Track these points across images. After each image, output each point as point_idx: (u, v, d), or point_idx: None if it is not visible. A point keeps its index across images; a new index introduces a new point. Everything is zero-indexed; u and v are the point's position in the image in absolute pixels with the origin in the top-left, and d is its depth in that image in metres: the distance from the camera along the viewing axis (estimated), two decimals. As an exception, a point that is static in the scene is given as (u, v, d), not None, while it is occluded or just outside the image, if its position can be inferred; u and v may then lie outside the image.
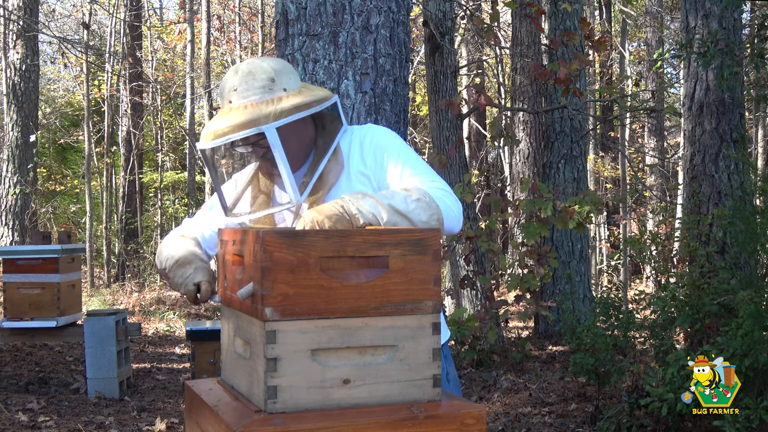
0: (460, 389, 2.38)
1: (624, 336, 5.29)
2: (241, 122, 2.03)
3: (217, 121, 2.09)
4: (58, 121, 18.84)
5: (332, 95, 2.19)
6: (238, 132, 2.03)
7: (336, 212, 1.88)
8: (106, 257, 15.68)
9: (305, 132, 2.19)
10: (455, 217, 2.04)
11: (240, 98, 2.09)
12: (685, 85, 6.80)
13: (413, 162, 2.14)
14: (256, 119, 2.03)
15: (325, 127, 2.21)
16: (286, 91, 2.10)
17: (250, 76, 2.10)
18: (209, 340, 4.57)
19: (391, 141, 2.19)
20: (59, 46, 13.89)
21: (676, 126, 18.82)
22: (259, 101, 2.07)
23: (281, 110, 2.05)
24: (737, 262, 5.70)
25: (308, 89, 2.16)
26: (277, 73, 2.11)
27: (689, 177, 6.60)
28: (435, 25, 7.86)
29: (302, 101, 2.08)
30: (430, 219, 1.96)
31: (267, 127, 2.02)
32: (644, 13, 17.04)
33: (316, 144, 2.20)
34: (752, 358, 4.01)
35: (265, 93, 2.08)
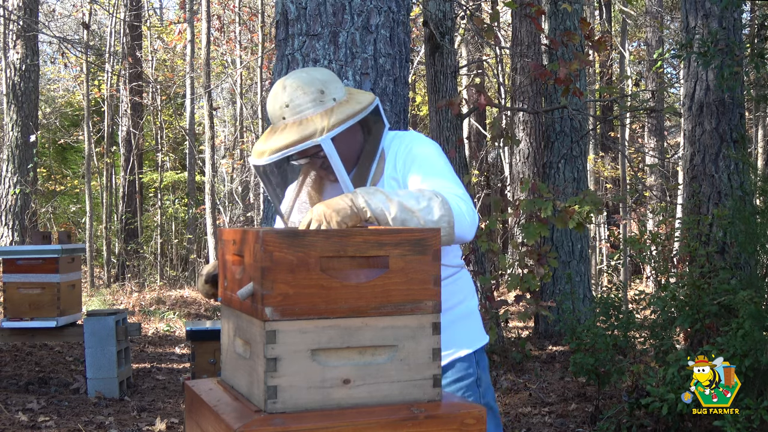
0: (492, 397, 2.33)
1: (624, 336, 5.29)
2: (299, 138, 2.10)
3: (273, 137, 2.15)
4: (58, 121, 18.84)
5: (374, 97, 2.24)
6: (297, 146, 2.10)
7: (344, 206, 1.90)
8: (106, 257, 15.68)
9: (354, 137, 2.23)
10: (468, 224, 2.02)
11: (294, 113, 2.15)
12: (685, 85, 6.80)
13: (438, 169, 2.16)
14: (312, 134, 2.09)
15: (371, 131, 2.26)
16: (336, 100, 2.15)
17: (299, 91, 2.15)
18: (209, 340, 4.57)
19: (424, 148, 2.21)
20: (59, 46, 13.89)
21: (676, 126, 18.82)
22: (312, 115, 2.13)
23: (334, 122, 2.11)
24: (737, 262, 5.69)
25: (354, 96, 2.21)
26: (325, 84, 2.17)
27: (689, 177, 6.60)
28: (435, 25, 7.86)
29: (352, 110, 2.14)
30: (440, 219, 1.95)
31: (323, 139, 2.08)
32: (644, 13, 17.04)
33: (364, 148, 2.25)
34: (752, 358, 4.01)
35: (317, 106, 2.14)
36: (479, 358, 2.30)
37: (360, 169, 2.22)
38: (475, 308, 2.34)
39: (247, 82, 18.61)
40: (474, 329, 2.31)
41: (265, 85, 16.05)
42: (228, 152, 19.07)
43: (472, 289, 2.37)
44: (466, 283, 2.33)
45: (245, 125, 18.27)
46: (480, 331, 2.33)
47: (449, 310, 2.22)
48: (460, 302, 2.29)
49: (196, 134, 17.43)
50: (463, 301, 2.30)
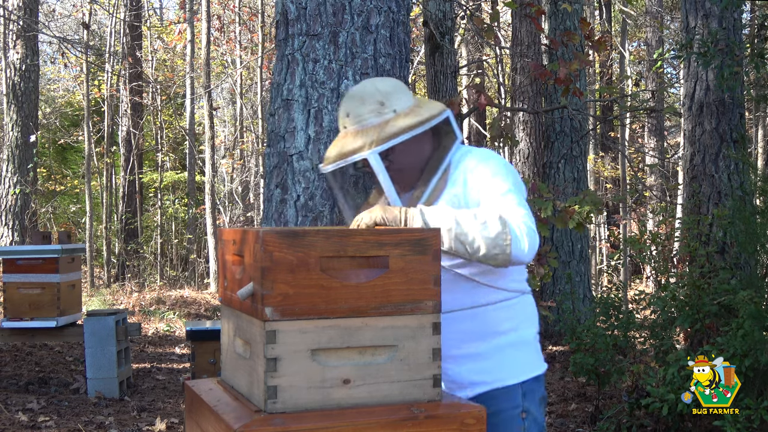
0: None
1: (624, 336, 5.29)
2: (346, 150, 2.14)
3: (333, 146, 2.20)
4: (58, 121, 18.83)
5: (443, 111, 2.20)
6: (343, 159, 2.14)
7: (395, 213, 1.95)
8: (106, 257, 15.68)
9: (422, 148, 2.21)
10: (526, 246, 1.98)
11: (352, 123, 2.17)
12: (685, 85, 6.80)
13: (504, 188, 2.09)
14: (360, 147, 2.11)
15: (440, 143, 2.22)
16: (396, 112, 2.14)
17: (359, 102, 2.17)
18: (209, 340, 4.56)
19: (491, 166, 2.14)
20: (59, 46, 13.89)
21: (676, 126, 18.82)
22: (367, 126, 2.14)
23: (385, 135, 2.11)
24: (737, 262, 5.69)
25: (419, 108, 2.18)
26: (386, 96, 2.16)
27: (689, 177, 6.59)
28: (435, 25, 7.86)
29: (408, 123, 2.12)
30: (497, 237, 1.94)
31: (370, 153, 2.09)
32: (644, 13, 17.04)
33: (429, 161, 2.21)
34: (752, 358, 4.01)
35: (374, 117, 2.15)
36: (527, 389, 2.15)
37: (421, 182, 2.18)
38: (530, 338, 2.20)
39: (247, 82, 18.61)
40: (524, 360, 2.18)
41: (265, 85, 16.04)
42: (228, 152, 19.07)
43: (531, 318, 2.23)
44: (523, 310, 2.20)
45: (245, 125, 18.27)
46: (532, 363, 2.19)
47: (498, 336, 2.14)
48: (512, 330, 2.16)
49: (196, 134, 17.43)
50: (515, 329, 2.17)
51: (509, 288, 2.18)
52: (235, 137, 18.70)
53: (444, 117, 2.19)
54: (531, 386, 2.17)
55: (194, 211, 16.29)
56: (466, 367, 2.14)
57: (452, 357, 2.13)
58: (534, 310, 2.25)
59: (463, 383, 2.14)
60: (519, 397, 2.14)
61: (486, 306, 2.13)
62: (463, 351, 2.13)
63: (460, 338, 2.13)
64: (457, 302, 2.11)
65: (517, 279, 2.21)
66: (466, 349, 2.13)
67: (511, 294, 2.18)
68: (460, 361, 2.14)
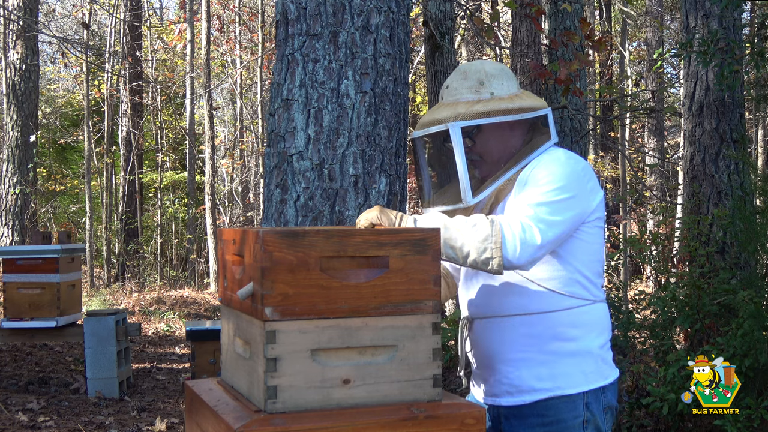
0: None
1: (624, 336, 5.29)
2: (431, 119, 2.12)
3: (425, 114, 2.19)
4: (58, 121, 18.83)
5: (542, 107, 2.14)
6: (426, 128, 2.13)
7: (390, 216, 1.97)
8: (106, 257, 15.68)
9: (511, 138, 2.15)
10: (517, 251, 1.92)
11: (448, 95, 2.17)
12: (685, 85, 6.79)
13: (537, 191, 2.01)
14: (446, 117, 2.09)
15: (531, 139, 2.16)
16: (492, 95, 2.12)
17: (462, 77, 2.17)
18: (209, 340, 4.56)
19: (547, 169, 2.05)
20: (59, 46, 13.89)
21: (676, 126, 18.82)
22: (460, 101, 2.13)
23: (473, 112, 2.08)
24: (737, 262, 5.69)
25: (518, 98, 2.14)
26: (489, 77, 2.14)
27: (689, 177, 6.59)
28: (435, 25, 7.86)
29: (499, 108, 2.09)
30: (485, 241, 1.90)
31: (452, 125, 2.07)
32: (644, 13, 17.04)
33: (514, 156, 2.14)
34: (752, 358, 4.01)
35: (470, 93, 2.13)
36: (591, 399, 2.08)
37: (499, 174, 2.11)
38: (595, 347, 2.11)
39: (247, 82, 18.60)
40: (587, 369, 2.09)
41: (265, 85, 16.04)
42: (228, 152, 19.07)
43: (599, 326, 2.13)
44: (591, 319, 2.11)
45: (245, 125, 18.27)
46: (596, 372, 2.10)
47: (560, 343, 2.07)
48: (576, 338, 2.08)
49: (196, 134, 17.42)
50: (580, 337, 2.09)
51: (578, 295, 2.09)
52: (235, 137, 18.69)
53: (541, 114, 2.14)
54: (595, 396, 2.09)
55: (194, 211, 16.29)
56: (525, 372, 2.08)
57: (511, 360, 2.08)
58: (605, 319, 2.16)
59: (522, 387, 2.08)
60: (581, 406, 2.08)
61: (551, 312, 2.06)
62: (522, 355, 2.08)
63: (521, 342, 2.07)
64: (521, 306, 2.06)
65: (589, 286, 2.12)
66: (525, 353, 2.07)
67: (580, 302, 2.10)
68: (519, 365, 2.08)
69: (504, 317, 2.08)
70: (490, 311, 2.10)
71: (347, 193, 2.99)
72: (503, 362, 2.10)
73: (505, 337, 2.09)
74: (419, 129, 2.16)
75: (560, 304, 2.07)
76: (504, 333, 2.09)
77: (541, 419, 2.08)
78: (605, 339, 2.16)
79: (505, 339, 2.09)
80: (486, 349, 2.12)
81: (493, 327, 2.10)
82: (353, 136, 3.04)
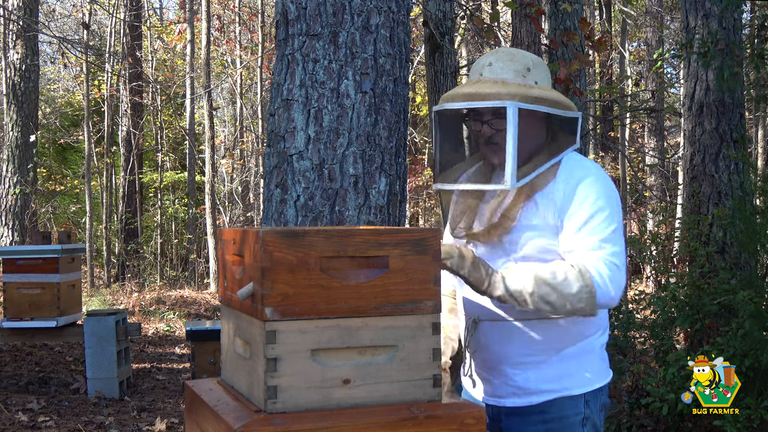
0: None
1: (624, 336, 5.29)
2: (490, 92, 2.05)
3: (464, 87, 2.10)
4: (58, 121, 18.84)
5: (577, 109, 2.16)
6: (481, 101, 2.05)
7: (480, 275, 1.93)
8: (106, 257, 15.68)
9: (535, 132, 2.13)
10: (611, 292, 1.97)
11: (492, 74, 2.11)
12: (685, 85, 6.80)
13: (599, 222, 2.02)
14: (505, 94, 2.03)
15: (556, 139, 2.15)
16: (537, 84, 2.10)
17: (509, 57, 2.12)
18: (209, 340, 4.56)
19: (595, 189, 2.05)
20: (59, 46, 13.89)
21: (676, 126, 18.82)
22: (510, 80, 2.08)
23: (529, 95, 2.05)
24: (737, 262, 5.69)
25: (557, 93, 2.15)
26: (534, 65, 2.13)
27: (689, 177, 6.59)
28: (435, 25, 7.86)
29: (550, 97, 2.08)
30: (579, 292, 1.93)
31: (512, 103, 2.02)
32: (644, 13, 17.04)
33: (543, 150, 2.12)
34: (752, 358, 4.01)
35: (518, 77, 2.10)
36: (590, 398, 2.12)
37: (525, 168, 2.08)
38: (597, 347, 2.16)
39: (247, 82, 18.61)
40: (590, 369, 2.13)
41: (265, 85, 16.04)
42: (228, 152, 19.07)
43: (601, 327, 2.17)
44: (596, 320, 2.13)
45: (245, 125, 18.27)
46: (597, 372, 2.15)
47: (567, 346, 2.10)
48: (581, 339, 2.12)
49: (196, 134, 17.42)
50: (584, 338, 2.12)
51: None
52: (235, 137, 18.70)
53: (577, 116, 2.14)
54: (594, 394, 2.14)
55: (194, 211, 16.29)
56: (533, 374, 2.09)
57: (521, 364, 2.09)
58: (604, 319, 2.19)
59: (529, 390, 2.10)
60: (582, 404, 2.12)
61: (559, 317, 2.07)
62: (531, 359, 2.09)
63: (530, 346, 2.08)
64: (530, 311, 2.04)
65: None
66: (534, 357, 2.09)
67: None
68: (527, 368, 2.09)
69: (515, 321, 2.08)
70: (500, 315, 2.09)
71: (347, 193, 2.99)
72: (511, 365, 2.10)
73: (514, 340, 2.09)
74: (464, 100, 2.07)
75: None
76: (513, 336, 2.09)
77: (542, 416, 2.09)
78: (605, 339, 2.20)
79: (514, 342, 2.09)
80: (493, 352, 2.11)
81: (503, 330, 2.09)
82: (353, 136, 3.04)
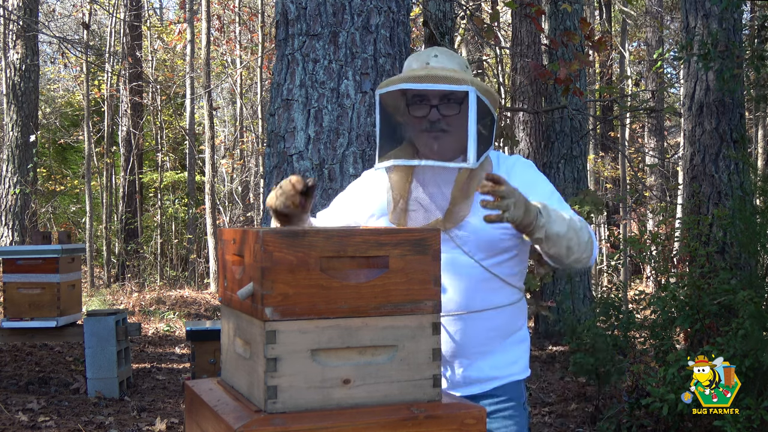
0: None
1: (624, 336, 5.29)
2: (449, 76, 2.09)
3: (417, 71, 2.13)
4: (58, 121, 18.84)
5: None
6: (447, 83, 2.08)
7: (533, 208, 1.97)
8: (106, 257, 15.68)
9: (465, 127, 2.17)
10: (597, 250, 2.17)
11: (438, 63, 2.17)
12: (685, 85, 6.80)
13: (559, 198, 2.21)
14: (468, 80, 2.09)
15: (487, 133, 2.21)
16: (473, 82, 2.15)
17: (449, 55, 2.21)
18: (209, 340, 4.57)
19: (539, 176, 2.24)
20: (59, 46, 13.89)
21: (676, 126, 18.82)
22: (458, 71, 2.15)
23: (483, 88, 2.14)
24: (737, 262, 5.69)
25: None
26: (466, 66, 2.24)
27: (689, 177, 6.60)
28: (435, 25, 7.86)
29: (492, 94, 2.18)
30: (588, 241, 2.08)
31: (473, 89, 2.08)
32: (644, 13, 17.05)
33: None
34: (753, 358, 4.01)
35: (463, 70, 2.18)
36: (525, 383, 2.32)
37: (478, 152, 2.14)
38: (528, 335, 2.32)
39: (247, 82, 18.61)
40: (527, 356, 2.30)
41: (265, 85, 16.04)
42: (228, 152, 19.08)
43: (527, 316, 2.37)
44: (525, 309, 2.32)
45: (245, 125, 18.27)
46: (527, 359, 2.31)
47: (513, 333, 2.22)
48: (521, 327, 2.27)
49: (196, 134, 17.43)
50: (522, 326, 2.28)
51: (522, 288, 2.27)
52: (235, 137, 18.70)
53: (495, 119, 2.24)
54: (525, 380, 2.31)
55: (194, 211, 16.29)
56: (484, 363, 2.18)
57: (474, 354, 2.17)
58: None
59: (480, 378, 2.18)
60: (523, 388, 2.27)
61: (508, 306, 2.20)
62: (483, 348, 2.17)
63: (483, 336, 2.17)
64: (487, 302, 2.15)
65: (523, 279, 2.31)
66: (486, 346, 2.18)
67: (521, 294, 2.28)
68: (478, 358, 2.17)
69: (471, 313, 2.14)
70: (457, 308, 2.14)
71: (347, 193, 2.99)
72: (465, 356, 2.16)
73: (468, 332, 2.15)
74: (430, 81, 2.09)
75: (515, 297, 2.22)
76: (468, 329, 2.15)
77: (491, 399, 2.19)
78: None
79: (468, 334, 2.15)
80: (448, 346, 2.16)
81: (459, 323, 2.15)
82: (353, 136, 3.04)
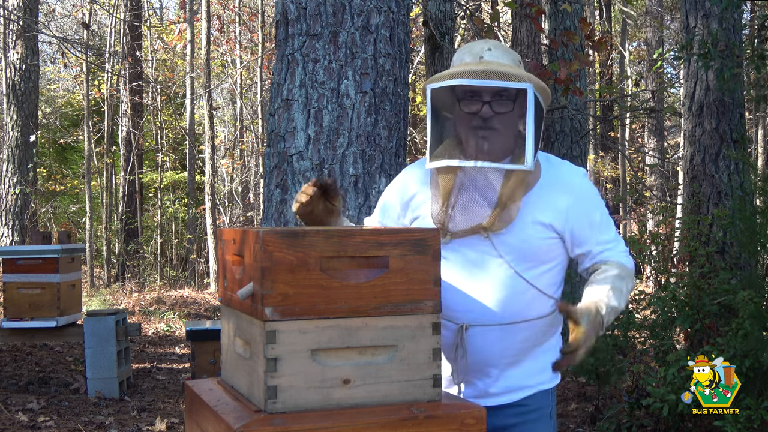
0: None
1: (624, 336, 5.29)
2: (511, 73, 1.99)
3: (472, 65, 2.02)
4: (58, 121, 18.83)
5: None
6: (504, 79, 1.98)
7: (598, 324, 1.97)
8: (106, 257, 15.68)
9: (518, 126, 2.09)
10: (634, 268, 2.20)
11: (492, 57, 2.05)
12: (685, 85, 6.80)
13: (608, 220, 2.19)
14: (525, 76, 2.00)
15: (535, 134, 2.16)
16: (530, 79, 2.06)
17: (502, 48, 2.09)
18: (209, 340, 4.56)
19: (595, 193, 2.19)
20: (59, 46, 13.89)
21: (676, 126, 18.82)
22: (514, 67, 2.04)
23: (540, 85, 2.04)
24: (737, 262, 5.69)
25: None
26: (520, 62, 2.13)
27: (689, 177, 6.59)
28: (435, 25, 7.86)
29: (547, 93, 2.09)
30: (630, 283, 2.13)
31: (530, 86, 1.98)
32: (644, 13, 17.05)
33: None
34: (753, 358, 4.01)
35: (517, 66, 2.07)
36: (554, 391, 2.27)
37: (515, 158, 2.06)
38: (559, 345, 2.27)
39: (247, 82, 18.60)
40: None
41: (265, 85, 16.04)
42: (228, 152, 19.07)
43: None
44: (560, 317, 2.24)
45: (245, 125, 18.26)
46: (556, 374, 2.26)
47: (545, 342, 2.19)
48: (553, 336, 2.23)
49: (196, 134, 17.42)
50: (555, 336, 2.24)
51: (559, 298, 2.21)
52: (235, 137, 18.70)
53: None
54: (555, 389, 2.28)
55: (194, 211, 16.29)
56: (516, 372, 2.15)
57: (506, 364, 2.14)
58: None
59: (511, 387, 2.15)
60: (551, 397, 2.23)
61: (543, 318, 2.15)
62: (515, 359, 2.14)
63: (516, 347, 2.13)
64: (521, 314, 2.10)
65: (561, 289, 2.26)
66: (518, 356, 2.14)
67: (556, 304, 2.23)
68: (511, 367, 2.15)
69: (505, 325, 2.10)
70: (491, 319, 2.10)
71: (347, 193, 3.00)
72: (497, 366, 2.13)
73: (504, 343, 2.11)
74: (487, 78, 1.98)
75: (549, 308, 2.16)
76: (500, 339, 2.11)
77: (520, 409, 2.16)
78: None
79: (504, 345, 2.12)
80: (481, 355, 2.13)
81: (493, 334, 2.11)
82: (353, 136, 3.04)
